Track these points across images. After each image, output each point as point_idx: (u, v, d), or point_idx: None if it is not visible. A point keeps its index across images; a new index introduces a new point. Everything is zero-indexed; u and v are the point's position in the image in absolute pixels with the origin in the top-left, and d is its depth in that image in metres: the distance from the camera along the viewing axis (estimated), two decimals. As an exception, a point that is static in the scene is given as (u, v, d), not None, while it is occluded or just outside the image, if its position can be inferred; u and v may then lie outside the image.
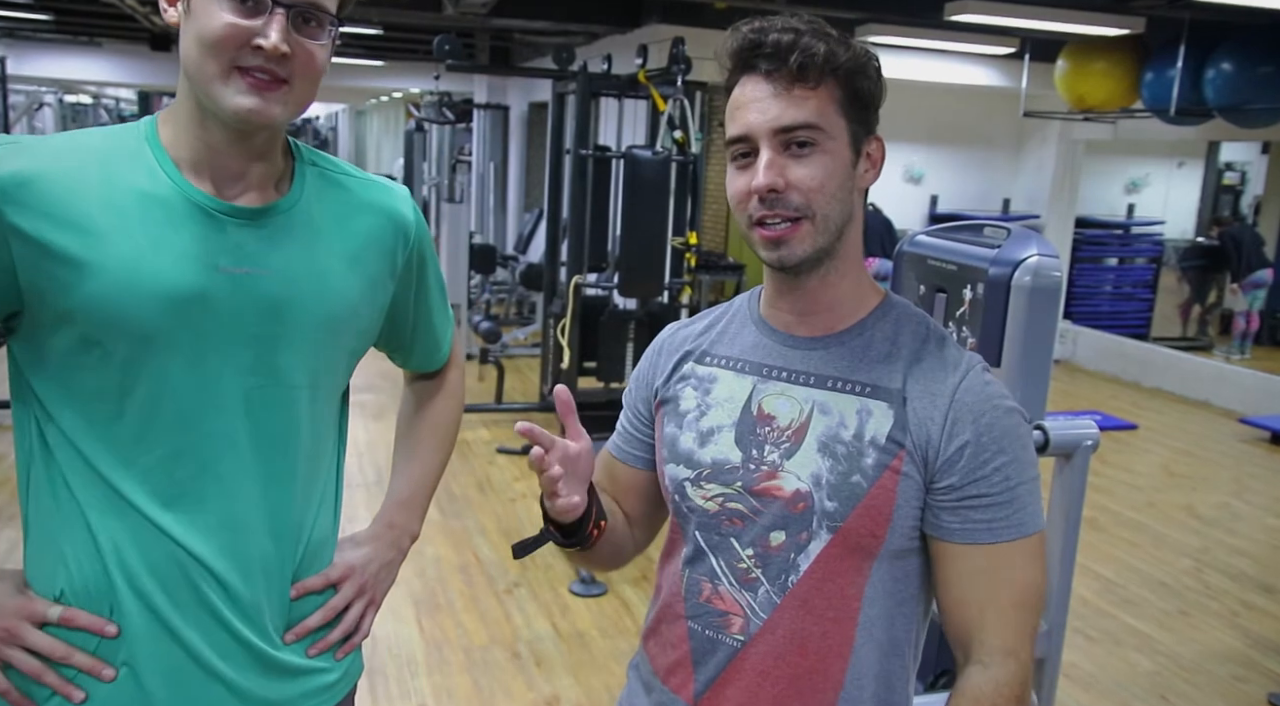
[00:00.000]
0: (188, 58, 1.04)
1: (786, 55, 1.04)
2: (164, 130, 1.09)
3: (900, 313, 1.14)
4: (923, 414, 1.07)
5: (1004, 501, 1.06)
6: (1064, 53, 6.53)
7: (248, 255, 1.08)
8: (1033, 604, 1.08)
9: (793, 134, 1.05)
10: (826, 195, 1.06)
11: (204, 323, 1.06)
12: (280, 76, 1.03)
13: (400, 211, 1.23)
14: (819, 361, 1.12)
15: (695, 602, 1.16)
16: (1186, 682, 3.39)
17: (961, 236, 2.06)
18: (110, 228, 1.03)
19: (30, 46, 11.02)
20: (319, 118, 22.80)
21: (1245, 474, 6.03)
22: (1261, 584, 4.29)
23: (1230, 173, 10.78)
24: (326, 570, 1.21)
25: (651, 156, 5.22)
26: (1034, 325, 1.88)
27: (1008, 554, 1.06)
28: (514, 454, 5.41)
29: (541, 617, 3.58)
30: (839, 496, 1.07)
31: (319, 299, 1.12)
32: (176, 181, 1.07)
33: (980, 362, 1.12)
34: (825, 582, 1.09)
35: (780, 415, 1.12)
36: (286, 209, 1.12)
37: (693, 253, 5.63)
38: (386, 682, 3.09)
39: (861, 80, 1.07)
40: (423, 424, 1.41)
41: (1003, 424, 1.07)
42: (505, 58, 10.70)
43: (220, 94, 1.03)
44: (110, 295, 1.02)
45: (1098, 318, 9.13)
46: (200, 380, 1.07)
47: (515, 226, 10.66)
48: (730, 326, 1.22)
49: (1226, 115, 5.90)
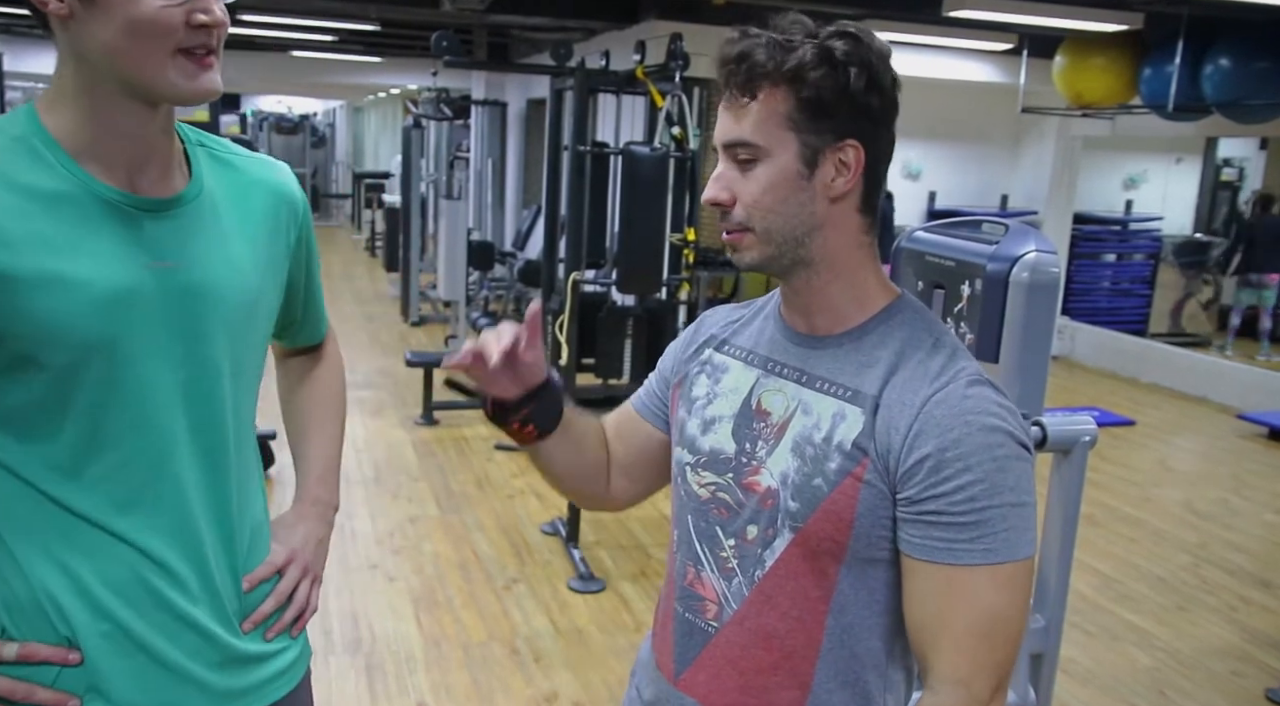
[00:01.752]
0: (109, 47, 0.99)
1: (734, 69, 1.05)
2: (49, 120, 1.04)
3: (906, 318, 1.12)
4: (890, 422, 1.04)
5: (968, 523, 1.00)
6: (1062, 49, 6.52)
7: (167, 249, 1.07)
8: (998, 636, 1.01)
9: (735, 149, 1.07)
10: (764, 209, 1.07)
11: (137, 321, 1.04)
12: (214, 48, 1.04)
13: (289, 188, 1.25)
14: (813, 361, 1.13)
15: (682, 585, 1.18)
16: (1184, 678, 3.40)
17: (959, 232, 2.06)
18: (21, 238, 0.98)
19: (27, 43, 11.00)
20: (316, 114, 22.76)
21: (1243, 469, 6.04)
22: (1259, 579, 4.30)
23: (1228, 168, 10.78)
24: (270, 558, 1.23)
25: (649, 153, 5.22)
26: (1032, 321, 1.88)
27: (970, 578, 1.00)
28: (512, 450, 5.41)
29: (540, 614, 3.58)
30: (801, 498, 1.07)
31: (234, 285, 1.13)
32: (80, 177, 1.03)
33: (969, 376, 1.05)
34: (788, 581, 1.09)
35: (774, 411, 1.13)
36: (193, 197, 1.11)
37: (691, 249, 5.63)
38: (385, 679, 3.09)
39: (810, 87, 1.02)
40: (315, 398, 1.40)
41: (974, 441, 1.00)
42: (503, 54, 10.69)
43: (167, 80, 1.01)
44: (40, 308, 0.98)
45: (1096, 313, 9.14)
46: (141, 379, 1.06)
47: (513, 223, 10.65)
48: (757, 318, 1.23)
49: (1224, 111, 5.90)
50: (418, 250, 8.88)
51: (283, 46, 11.21)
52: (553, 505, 4.59)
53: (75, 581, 1.05)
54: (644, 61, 5.55)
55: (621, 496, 1.34)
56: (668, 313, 5.69)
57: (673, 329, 5.74)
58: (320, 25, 8.74)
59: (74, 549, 1.05)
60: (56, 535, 1.05)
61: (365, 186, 15.43)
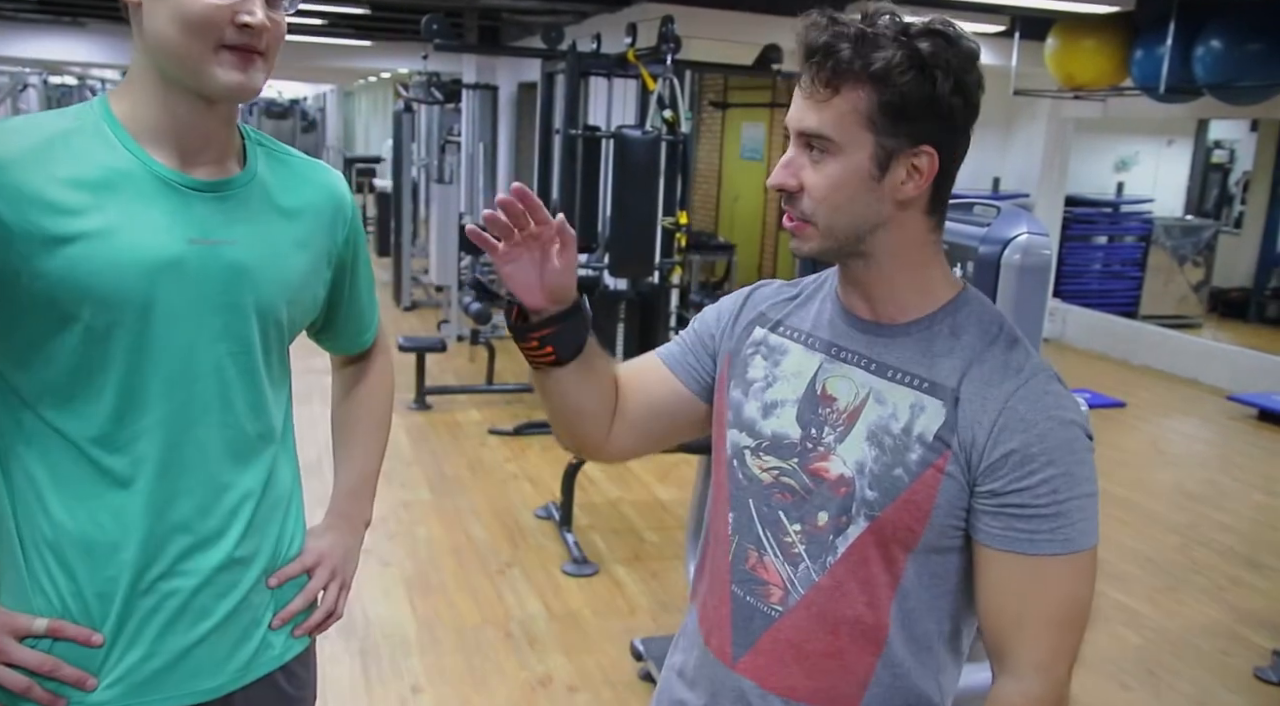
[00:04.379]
0: (162, 38, 1.07)
1: (818, 58, 1.03)
2: (118, 107, 1.12)
3: (974, 309, 1.12)
4: (973, 416, 1.05)
5: (1049, 514, 1.03)
6: (1054, 31, 6.52)
7: (213, 227, 1.13)
8: (1074, 621, 1.06)
9: (808, 138, 1.06)
10: (830, 206, 1.06)
11: (179, 291, 1.10)
12: (259, 49, 1.09)
13: (340, 190, 1.30)
14: (883, 349, 1.12)
15: (741, 568, 1.17)
16: (1173, 657, 3.43)
17: (951, 215, 2.06)
18: (82, 204, 1.06)
19: (13, 27, 10.91)
20: (307, 99, 22.63)
21: (1232, 450, 6.07)
22: (1248, 559, 4.33)
23: (1219, 150, 10.80)
24: (301, 558, 1.29)
25: (641, 136, 5.21)
26: (1023, 303, 1.88)
27: (1050, 567, 1.04)
28: (505, 435, 5.42)
29: (534, 597, 3.60)
30: (880, 487, 1.08)
31: (276, 269, 1.19)
32: (140, 156, 1.10)
33: (1046, 371, 1.09)
34: (860, 568, 1.10)
35: (840, 397, 1.13)
36: (244, 183, 1.18)
37: (683, 233, 5.62)
38: (380, 662, 3.10)
39: (895, 91, 1.01)
40: (360, 411, 1.45)
41: (1057, 436, 1.04)
42: (494, 37, 10.63)
43: (208, 72, 1.08)
44: (89, 267, 1.05)
45: (1087, 296, 9.15)
46: (178, 347, 1.11)
47: (505, 207, 10.60)
48: (813, 299, 1.22)
49: (1216, 93, 5.90)
50: (409, 235, 8.86)
51: (272, 30, 11.12)
52: (546, 490, 4.60)
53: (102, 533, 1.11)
54: (635, 44, 5.53)
55: (618, 447, 1.29)
56: (660, 296, 5.68)
57: (665, 312, 5.74)
58: (310, 9, 8.67)
59: (106, 510, 1.11)
60: (90, 489, 1.11)
61: (356, 171, 15.37)
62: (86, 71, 15.43)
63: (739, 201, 10.56)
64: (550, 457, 5.00)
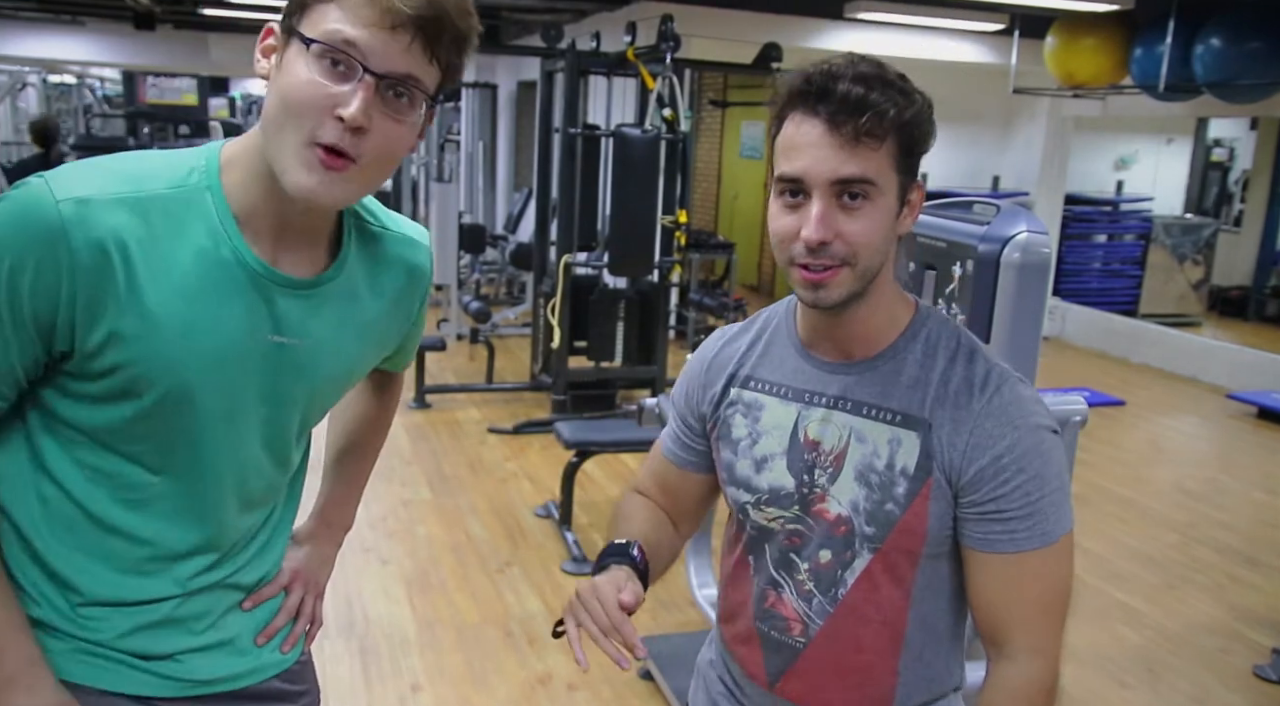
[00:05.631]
0: (268, 115, 0.99)
1: (856, 111, 1.05)
2: (229, 175, 1.05)
3: (931, 329, 1.19)
4: (947, 440, 1.13)
5: (1025, 515, 1.12)
6: (1053, 29, 6.51)
7: (289, 325, 1.08)
8: (1060, 603, 1.15)
9: (848, 186, 1.07)
10: (871, 247, 1.10)
11: (240, 384, 1.07)
12: (349, 154, 0.97)
13: (426, 268, 1.25)
14: (855, 387, 1.18)
15: (762, 608, 1.26)
16: (1173, 655, 3.43)
17: (951, 213, 2.06)
18: (168, 287, 1.00)
19: (12, 26, 10.89)
20: (306, 97, 22.58)
21: (1232, 449, 6.08)
22: (1247, 557, 4.33)
23: (1218, 149, 10.79)
24: (277, 577, 1.27)
25: (641, 135, 5.20)
26: (1023, 301, 1.88)
27: (1031, 560, 1.13)
28: (504, 433, 5.42)
29: (533, 596, 3.60)
30: (876, 522, 1.16)
31: (341, 363, 1.16)
32: (236, 245, 1.04)
33: (1002, 378, 1.15)
34: (872, 593, 1.19)
35: (825, 440, 1.19)
36: (331, 279, 1.12)
37: (682, 231, 5.62)
38: (379, 661, 3.10)
39: (918, 133, 1.10)
40: (366, 431, 1.45)
41: (1024, 444, 1.12)
42: (493, 36, 10.61)
43: (288, 165, 0.98)
44: (159, 352, 1.01)
45: (1086, 294, 9.15)
46: (224, 434, 1.09)
47: (504, 206, 10.62)
48: (773, 347, 1.27)
49: (1215, 91, 5.89)
50: (409, 234, 8.83)
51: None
52: (545, 488, 4.60)
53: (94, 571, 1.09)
54: (635, 43, 5.53)
55: (688, 536, 1.43)
56: (659, 295, 5.68)
57: (665, 311, 5.74)
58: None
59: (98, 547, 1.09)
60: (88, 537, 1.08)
61: (355, 170, 15.34)
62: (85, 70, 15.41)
63: (738, 200, 10.56)
64: (550, 456, 5.00)
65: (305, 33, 0.96)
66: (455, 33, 0.99)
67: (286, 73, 0.97)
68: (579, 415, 5.23)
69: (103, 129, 12.65)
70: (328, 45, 0.95)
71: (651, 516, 1.36)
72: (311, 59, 0.96)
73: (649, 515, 1.36)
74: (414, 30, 0.96)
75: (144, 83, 12.57)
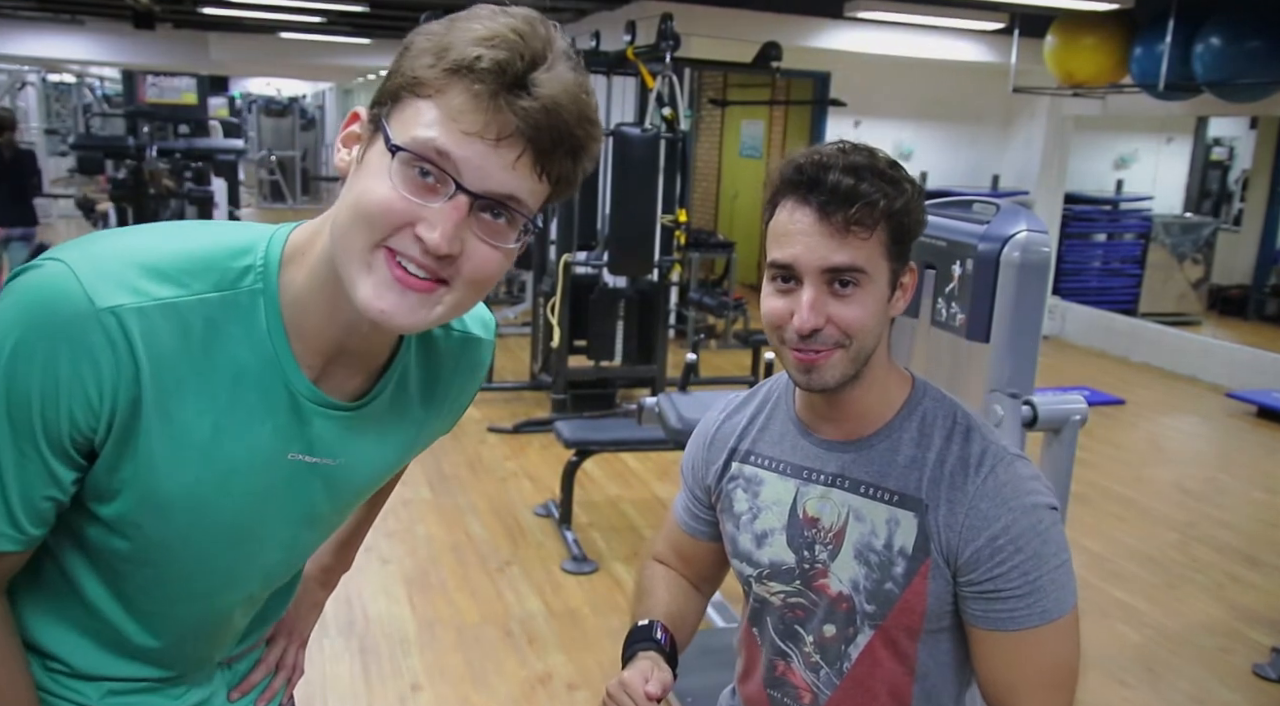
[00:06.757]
0: (339, 216, 0.84)
1: (846, 201, 1.07)
2: (289, 273, 0.89)
3: (927, 407, 1.21)
4: (944, 521, 1.14)
5: (1024, 593, 1.12)
6: (1053, 28, 6.51)
7: (321, 446, 0.95)
8: (1063, 681, 1.15)
9: (839, 274, 1.09)
10: (866, 332, 1.12)
11: (256, 508, 0.95)
12: (439, 276, 0.83)
13: (485, 364, 1.11)
14: (852, 465, 1.20)
15: (772, 676, 1.29)
16: (1172, 654, 3.43)
17: (950, 212, 2.06)
18: (194, 408, 0.88)
19: (12, 25, 10.89)
20: (305, 97, 22.59)
21: (1232, 448, 6.08)
22: (1247, 556, 4.33)
23: (1218, 148, 10.79)
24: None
25: (640, 134, 5.20)
26: (1023, 300, 1.88)
27: (1031, 638, 1.13)
28: (504, 432, 5.42)
29: (533, 595, 3.60)
30: (875, 601, 1.18)
31: (372, 476, 1.04)
32: (281, 360, 0.90)
33: (998, 458, 1.16)
34: (875, 666, 1.21)
35: (823, 517, 1.21)
36: (377, 395, 0.98)
37: (682, 230, 5.63)
38: (379, 661, 3.10)
39: (908, 222, 1.12)
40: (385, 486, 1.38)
41: (1020, 524, 1.12)
42: (493, 35, 10.60)
43: (355, 277, 0.82)
44: (171, 475, 0.89)
45: (1086, 293, 9.15)
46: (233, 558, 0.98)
47: (504, 205, 10.60)
48: (771, 422, 1.29)
49: (1215, 90, 5.89)
50: (408, 233, 8.83)
51: (271, 28, 11.12)
52: (545, 487, 4.60)
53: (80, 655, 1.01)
54: (634, 42, 5.53)
55: (710, 594, 1.47)
56: (659, 294, 5.68)
57: (664, 310, 5.74)
58: (308, 6, 8.66)
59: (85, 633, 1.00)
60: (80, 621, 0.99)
61: (355, 169, 15.34)
62: (85, 69, 15.42)
63: (738, 199, 10.56)
64: (549, 455, 5.00)
65: (394, 134, 0.81)
66: (572, 143, 0.83)
67: (365, 175, 0.82)
68: (579, 414, 5.23)
69: (102, 128, 12.65)
70: (415, 155, 0.80)
71: (672, 585, 1.40)
72: (396, 166, 0.80)
73: (669, 584, 1.40)
74: (524, 143, 0.80)
75: (144, 82, 12.57)
